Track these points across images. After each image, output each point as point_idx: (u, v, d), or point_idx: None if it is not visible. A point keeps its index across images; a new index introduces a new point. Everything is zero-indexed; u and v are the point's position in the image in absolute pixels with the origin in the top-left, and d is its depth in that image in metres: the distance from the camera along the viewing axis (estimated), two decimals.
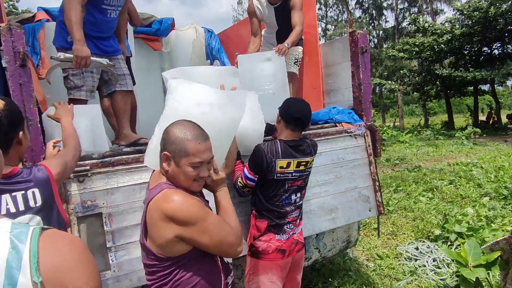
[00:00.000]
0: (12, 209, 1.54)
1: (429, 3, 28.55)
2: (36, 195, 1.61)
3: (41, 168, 1.69)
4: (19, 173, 1.61)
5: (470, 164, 9.04)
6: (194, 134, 1.59)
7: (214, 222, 1.58)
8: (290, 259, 2.50)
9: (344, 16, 32.03)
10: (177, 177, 1.61)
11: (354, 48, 3.42)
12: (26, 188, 1.59)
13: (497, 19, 19.05)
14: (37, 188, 1.62)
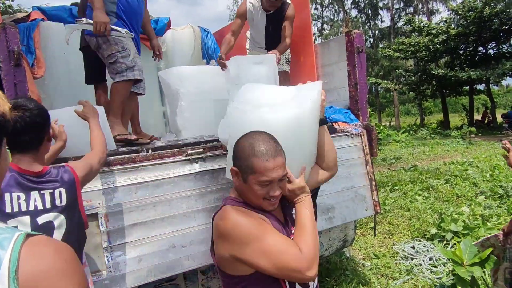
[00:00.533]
0: (40, 206, 1.63)
1: (425, 3, 28.65)
2: (62, 195, 1.71)
3: (68, 170, 1.79)
4: (48, 172, 1.71)
5: (465, 163, 9.08)
6: (262, 150, 1.43)
7: (274, 244, 1.39)
8: None
9: (340, 16, 32.09)
10: (246, 194, 1.52)
11: (350, 48, 3.43)
12: (54, 187, 1.69)
13: (492, 19, 19.15)
14: (64, 189, 1.72)
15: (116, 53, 2.80)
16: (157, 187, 2.39)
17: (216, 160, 2.61)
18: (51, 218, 1.66)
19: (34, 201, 1.63)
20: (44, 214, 1.64)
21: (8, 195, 1.58)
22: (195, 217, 2.48)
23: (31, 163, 1.68)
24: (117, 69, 2.81)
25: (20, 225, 1.60)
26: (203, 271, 2.77)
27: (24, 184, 1.62)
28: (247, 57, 3.53)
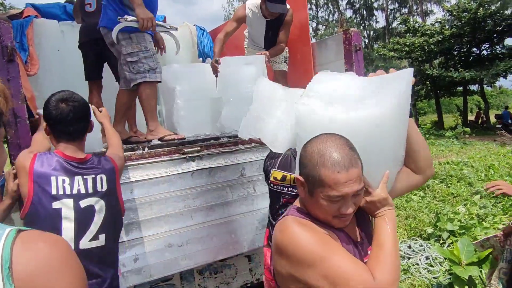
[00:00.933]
0: (82, 190, 1.75)
1: (419, 4, 28.78)
2: (103, 181, 1.82)
3: (108, 159, 1.93)
4: (90, 160, 1.85)
5: (460, 163, 9.11)
6: (334, 159, 1.16)
7: (340, 267, 1.14)
8: None
9: (335, 16, 32.15)
10: (312, 209, 1.26)
11: (348, 46, 3.40)
12: (96, 173, 1.81)
13: (486, 20, 19.26)
14: (105, 175, 1.84)
15: (138, 52, 2.76)
16: (154, 186, 2.36)
17: (213, 159, 2.58)
18: (92, 202, 1.77)
19: (77, 185, 1.74)
20: (86, 198, 1.76)
21: (54, 178, 1.69)
22: (192, 216, 2.45)
23: (76, 150, 1.82)
24: (139, 68, 2.76)
25: (64, 207, 1.70)
26: (200, 270, 2.74)
27: (68, 169, 1.74)
28: (236, 58, 3.52)
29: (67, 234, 1.68)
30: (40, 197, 1.66)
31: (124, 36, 2.74)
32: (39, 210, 1.66)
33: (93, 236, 1.74)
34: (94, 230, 1.75)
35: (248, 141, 2.39)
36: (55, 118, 1.76)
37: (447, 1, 26.54)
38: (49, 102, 1.79)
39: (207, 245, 2.51)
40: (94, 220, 1.76)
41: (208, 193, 2.52)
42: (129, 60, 2.75)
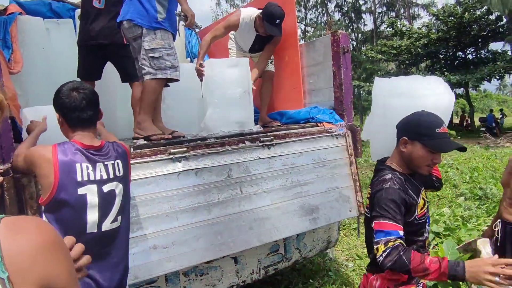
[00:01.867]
0: (104, 176, 1.83)
1: (407, 7, 29.11)
2: (120, 166, 1.91)
3: (119, 144, 2.01)
4: (106, 146, 1.92)
5: (446, 165, 9.22)
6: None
7: None
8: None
9: (324, 18, 32.31)
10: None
11: (336, 48, 3.42)
12: (115, 159, 1.90)
13: (471, 25, 19.61)
14: (120, 160, 1.92)
15: (161, 49, 2.77)
16: (139, 187, 2.32)
17: (200, 160, 2.56)
18: (113, 187, 1.86)
19: (99, 171, 1.82)
20: (109, 183, 1.84)
21: (78, 165, 1.77)
22: (178, 218, 2.42)
23: (92, 138, 1.89)
24: (160, 65, 2.77)
25: (89, 193, 1.77)
26: (185, 272, 2.71)
27: (89, 157, 1.81)
28: (221, 60, 3.52)
29: (92, 217, 1.77)
30: (66, 184, 1.72)
31: (149, 31, 2.76)
32: (65, 197, 1.72)
33: (113, 218, 1.85)
34: (115, 212, 1.86)
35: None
36: (69, 106, 1.82)
37: (433, 6, 26.88)
38: (60, 92, 1.84)
39: (192, 246, 2.48)
40: (115, 203, 1.87)
41: (194, 195, 2.50)
42: (151, 55, 2.76)
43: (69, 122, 1.86)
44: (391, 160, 1.94)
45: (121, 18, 2.86)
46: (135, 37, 2.82)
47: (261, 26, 3.63)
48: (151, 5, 2.77)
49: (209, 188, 2.56)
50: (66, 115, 1.84)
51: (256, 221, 2.78)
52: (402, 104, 1.98)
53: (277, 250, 3.24)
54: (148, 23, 2.76)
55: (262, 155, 2.84)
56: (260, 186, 2.81)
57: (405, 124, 1.85)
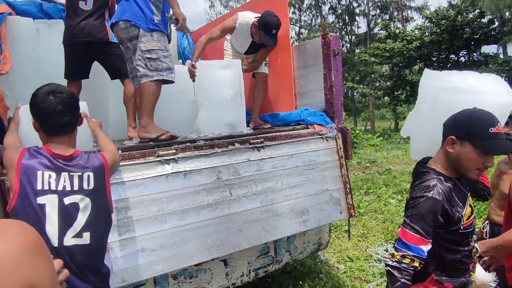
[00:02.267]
0: (68, 187, 1.72)
1: (400, 10, 29.30)
2: (91, 179, 1.78)
3: (99, 156, 1.88)
4: (79, 156, 1.81)
5: None
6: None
7: None
8: None
9: (318, 20, 32.43)
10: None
11: (327, 51, 3.42)
12: (83, 171, 1.77)
13: (464, 28, 19.77)
14: (92, 173, 1.79)
15: (158, 50, 2.79)
16: (127, 189, 2.31)
17: (189, 162, 2.55)
18: (77, 200, 1.74)
19: (63, 182, 1.71)
20: (71, 195, 1.72)
21: (40, 173, 1.68)
22: (166, 220, 2.41)
23: (64, 146, 1.79)
24: (157, 66, 2.78)
25: (48, 203, 1.67)
26: (174, 275, 2.69)
27: (56, 165, 1.72)
28: (212, 62, 3.52)
29: (51, 230, 1.66)
30: (26, 192, 1.65)
31: (146, 33, 2.78)
32: (25, 205, 1.64)
33: (76, 233, 1.71)
34: (78, 227, 1.72)
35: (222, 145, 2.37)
36: (44, 111, 1.72)
37: (427, 9, 27.08)
38: (36, 95, 1.74)
39: (181, 249, 2.47)
40: (78, 218, 1.73)
41: (183, 197, 2.49)
42: (148, 56, 2.77)
43: (44, 127, 1.78)
44: (435, 161, 1.76)
45: (116, 19, 2.86)
46: (131, 38, 2.82)
47: (256, 34, 3.64)
48: (148, 7, 2.80)
49: (198, 190, 2.55)
50: (41, 120, 1.76)
51: (245, 224, 2.77)
52: (455, 100, 1.81)
53: (267, 252, 3.24)
54: (145, 25, 2.78)
55: (252, 157, 2.84)
56: (249, 188, 2.81)
57: (453, 121, 1.67)
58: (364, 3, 30.77)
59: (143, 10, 2.78)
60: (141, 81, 2.81)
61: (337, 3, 31.44)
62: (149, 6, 2.81)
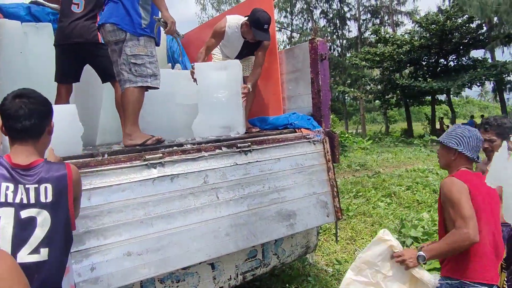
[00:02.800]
0: (24, 200, 1.61)
1: (390, 15, 29.60)
2: (48, 191, 1.66)
3: (62, 165, 1.76)
4: (38, 166, 1.69)
5: (426, 170, 9.37)
6: None
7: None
8: None
9: (309, 24, 32.61)
10: None
11: (314, 55, 3.46)
12: (39, 182, 1.65)
13: (453, 33, 20.06)
14: (51, 185, 1.67)
15: (144, 56, 2.77)
16: (113, 193, 2.31)
17: (176, 166, 2.55)
18: (34, 213, 1.63)
19: (20, 194, 1.62)
20: (27, 208, 1.62)
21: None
22: (153, 224, 2.41)
23: (26, 154, 1.69)
24: (142, 72, 2.75)
25: (3, 216, 1.57)
26: (161, 279, 2.69)
27: (14, 176, 1.63)
28: (210, 64, 3.54)
29: (4, 245, 1.54)
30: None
31: (133, 37, 2.76)
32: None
33: (33, 249, 1.60)
34: (35, 243, 1.61)
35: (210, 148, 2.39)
36: (5, 113, 1.66)
37: (417, 14, 27.39)
38: (5, 98, 1.70)
39: (168, 253, 2.48)
40: (35, 233, 1.62)
41: (169, 201, 2.49)
42: (133, 61, 2.74)
43: (6, 130, 1.71)
44: None
45: (103, 21, 2.83)
46: (117, 41, 2.80)
47: (248, 33, 3.64)
48: (136, 11, 2.77)
49: (185, 194, 2.56)
50: (4, 122, 1.69)
51: (233, 227, 2.78)
52: None
53: (255, 255, 3.25)
54: (132, 29, 2.76)
55: (239, 161, 2.85)
56: (237, 192, 2.82)
57: None
58: (355, 7, 31.08)
59: (131, 14, 2.77)
60: (124, 86, 2.79)
61: (328, 8, 31.69)
62: (137, 9, 2.79)
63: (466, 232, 1.99)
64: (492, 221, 2.16)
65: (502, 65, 18.45)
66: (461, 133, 2.24)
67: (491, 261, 2.14)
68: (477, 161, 2.24)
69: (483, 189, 2.15)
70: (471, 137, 2.21)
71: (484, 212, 2.12)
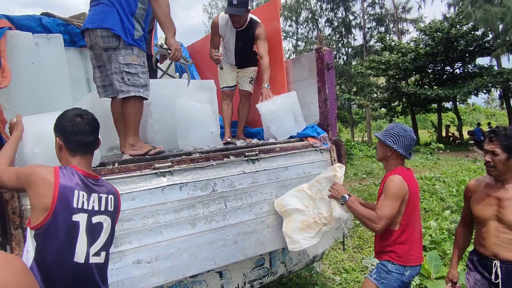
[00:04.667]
0: (96, 207, 1.85)
1: (395, 23, 29.63)
2: (112, 202, 1.94)
3: (109, 183, 2.06)
4: (101, 179, 1.99)
5: (433, 178, 9.33)
6: None
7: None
8: None
9: (314, 33, 32.72)
10: None
11: (320, 65, 3.49)
12: (107, 193, 1.94)
13: (458, 40, 20.03)
14: (113, 196, 1.96)
15: (137, 66, 2.74)
16: (123, 202, 2.33)
17: (184, 174, 2.58)
18: (102, 220, 1.87)
19: (93, 202, 1.84)
20: (98, 215, 1.85)
21: (77, 192, 1.79)
22: (162, 232, 2.44)
23: (89, 166, 1.97)
24: (135, 82, 2.72)
25: (81, 221, 1.78)
26: (169, 287, 2.71)
27: (87, 185, 1.85)
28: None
29: (81, 247, 1.77)
30: (62, 209, 1.73)
31: (126, 46, 2.71)
32: (59, 221, 1.72)
33: (96, 252, 1.83)
34: (99, 246, 1.84)
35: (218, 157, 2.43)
36: (72, 130, 1.87)
37: (421, 21, 27.41)
38: (63, 117, 1.91)
39: (177, 261, 2.50)
40: (100, 237, 1.86)
41: (178, 209, 2.52)
42: (126, 70, 2.69)
43: (70, 146, 1.89)
44: None
45: (95, 25, 2.69)
46: (108, 48, 2.71)
47: (232, 20, 3.78)
48: (130, 21, 2.72)
49: (194, 202, 2.59)
50: (68, 138, 1.88)
51: (241, 235, 2.80)
52: None
53: (263, 264, 3.26)
54: (126, 38, 2.69)
55: (247, 170, 2.88)
56: (245, 200, 2.84)
57: None
58: (360, 16, 31.15)
59: (124, 22, 2.68)
60: (120, 95, 2.73)
61: (333, 16, 31.79)
62: (131, 20, 2.73)
63: (376, 226, 2.44)
64: (419, 207, 2.66)
65: (508, 73, 18.37)
66: (398, 132, 2.52)
67: (420, 245, 2.60)
68: (408, 158, 2.54)
69: (415, 184, 2.53)
70: (405, 137, 2.51)
71: (418, 203, 2.57)
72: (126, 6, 2.71)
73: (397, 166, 2.55)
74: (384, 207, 2.43)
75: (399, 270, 2.48)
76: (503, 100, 22.10)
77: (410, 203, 2.46)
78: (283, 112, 3.56)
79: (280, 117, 3.53)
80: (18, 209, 2.02)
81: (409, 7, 29.70)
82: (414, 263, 2.51)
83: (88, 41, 2.84)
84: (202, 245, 2.61)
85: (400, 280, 2.49)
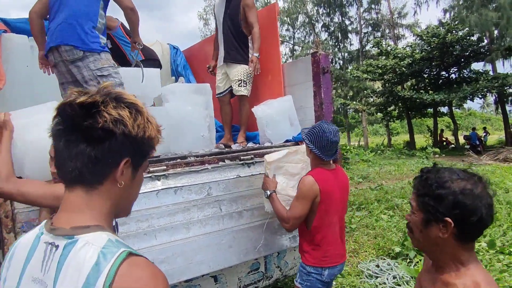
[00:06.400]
0: None
1: (391, 28, 29.82)
2: None
3: None
4: None
5: None
6: None
7: None
8: None
9: (311, 37, 32.88)
10: None
11: (316, 69, 3.50)
12: None
13: (454, 45, 20.15)
14: None
15: (108, 67, 2.82)
16: None
17: (179, 178, 2.57)
18: None
19: None
20: None
21: None
22: (156, 236, 2.43)
23: None
24: (111, 83, 2.75)
25: None
26: None
27: None
28: (182, 85, 3.58)
29: None
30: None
31: (93, 53, 2.78)
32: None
33: None
34: None
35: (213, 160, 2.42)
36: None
37: (417, 26, 27.59)
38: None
39: (171, 265, 2.49)
40: None
41: (173, 213, 2.51)
42: (100, 74, 2.78)
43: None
44: None
45: (57, 43, 2.78)
46: (74, 60, 2.78)
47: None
48: (91, 31, 2.81)
49: (188, 206, 2.58)
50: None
51: (235, 239, 2.79)
52: None
53: (258, 268, 3.24)
54: (89, 47, 2.77)
55: (242, 174, 2.87)
56: (240, 204, 2.84)
57: None
58: (356, 21, 31.34)
59: (87, 34, 2.77)
60: None
61: (329, 21, 31.98)
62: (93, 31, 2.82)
63: (286, 225, 2.53)
64: (340, 208, 2.59)
65: (503, 78, 18.50)
66: (316, 132, 2.47)
67: (339, 246, 2.58)
68: (325, 159, 2.46)
69: (335, 184, 2.51)
70: (322, 137, 2.43)
71: (334, 205, 2.50)
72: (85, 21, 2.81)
73: (317, 167, 2.53)
74: (292, 207, 2.49)
75: (317, 270, 2.50)
76: (498, 105, 22.23)
77: (323, 205, 2.44)
78: (279, 116, 3.56)
79: (276, 120, 3.54)
80: (10, 212, 2.00)
81: (405, 13, 29.96)
82: (331, 264, 2.52)
83: (52, 60, 2.92)
84: (196, 249, 2.59)
85: (320, 280, 2.51)
